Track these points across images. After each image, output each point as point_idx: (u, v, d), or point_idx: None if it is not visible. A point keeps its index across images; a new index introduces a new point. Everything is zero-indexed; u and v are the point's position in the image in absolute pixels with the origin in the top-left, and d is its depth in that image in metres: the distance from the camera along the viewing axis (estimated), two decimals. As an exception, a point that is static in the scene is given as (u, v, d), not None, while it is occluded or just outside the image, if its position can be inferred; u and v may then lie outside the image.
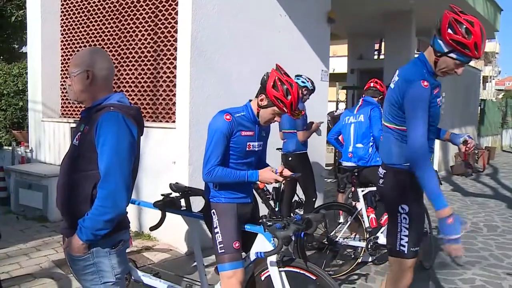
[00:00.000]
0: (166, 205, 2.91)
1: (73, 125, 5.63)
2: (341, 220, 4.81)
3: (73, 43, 6.18)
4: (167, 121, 4.94)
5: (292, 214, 4.62)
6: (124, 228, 2.01)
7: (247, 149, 2.47)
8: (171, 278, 3.06)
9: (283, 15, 5.58)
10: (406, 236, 2.44)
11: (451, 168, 11.28)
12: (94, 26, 5.83)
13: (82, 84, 1.95)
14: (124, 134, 1.86)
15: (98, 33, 5.77)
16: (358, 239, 4.11)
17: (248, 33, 5.07)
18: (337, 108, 11.94)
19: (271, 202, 4.48)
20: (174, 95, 4.77)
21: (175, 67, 4.74)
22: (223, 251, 2.44)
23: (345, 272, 3.95)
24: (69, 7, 6.19)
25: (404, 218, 2.44)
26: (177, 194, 2.95)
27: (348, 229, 4.31)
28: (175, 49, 4.73)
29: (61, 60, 6.41)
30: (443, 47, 2.25)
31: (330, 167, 8.78)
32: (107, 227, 1.82)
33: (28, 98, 6.67)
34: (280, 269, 2.45)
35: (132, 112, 1.96)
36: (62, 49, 6.39)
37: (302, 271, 2.43)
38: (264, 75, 2.44)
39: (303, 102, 4.64)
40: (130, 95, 5.31)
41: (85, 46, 5.90)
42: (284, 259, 2.46)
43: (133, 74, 5.31)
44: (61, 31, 6.37)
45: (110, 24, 5.60)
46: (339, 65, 15.97)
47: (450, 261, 4.52)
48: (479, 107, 15.30)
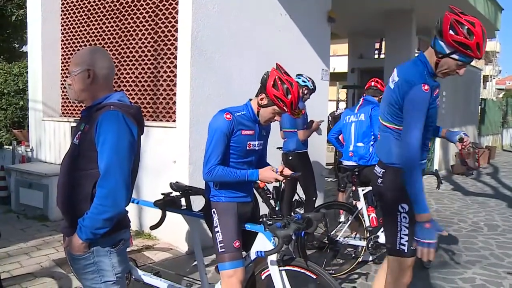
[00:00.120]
0: (167, 204, 2.91)
1: (74, 124, 5.63)
2: (342, 219, 4.81)
3: (74, 42, 6.18)
4: (168, 120, 4.94)
5: (292, 213, 4.62)
6: (125, 227, 2.01)
7: (247, 148, 2.47)
8: (171, 277, 3.06)
9: (283, 14, 5.58)
10: (406, 235, 2.45)
11: (451, 167, 11.29)
12: (94, 25, 5.83)
13: (83, 83, 1.95)
14: (124, 133, 1.86)
15: (99, 32, 5.77)
16: (358, 238, 4.11)
17: (248, 32, 5.07)
18: (337, 107, 11.92)
19: (272, 201, 4.49)
20: (175, 94, 4.77)
21: (175, 66, 4.74)
22: (223, 250, 2.44)
23: (345, 271, 3.96)
24: (69, 7, 6.19)
25: (404, 217, 2.44)
26: (178, 193, 2.96)
27: (348, 228, 4.32)
28: (176, 48, 4.73)
29: (61, 59, 6.41)
30: (444, 48, 2.25)
31: (330, 166, 8.78)
32: (106, 226, 1.82)
33: (29, 97, 6.67)
34: (281, 268, 2.45)
35: (132, 111, 1.96)
36: (62, 48, 6.39)
37: (302, 270, 2.43)
38: (264, 74, 2.43)
39: (304, 102, 4.64)
40: (131, 94, 5.31)
41: (86, 45, 5.90)
42: (284, 258, 2.46)
43: (134, 73, 5.31)
44: (61, 30, 6.37)
45: (110, 23, 5.60)
46: (340, 64, 15.97)
47: (450, 260, 4.52)
48: (479, 107, 15.30)
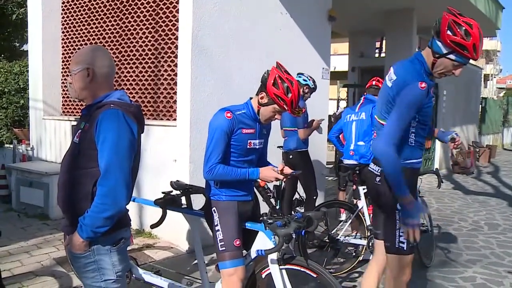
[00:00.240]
0: (167, 203, 2.91)
1: (74, 123, 5.64)
2: (342, 218, 4.81)
3: (74, 41, 6.18)
4: (168, 119, 4.94)
5: (293, 212, 4.62)
6: (125, 226, 2.01)
7: (248, 147, 2.47)
8: (172, 275, 3.06)
9: (283, 13, 5.57)
10: None
11: (452, 167, 11.28)
12: (95, 24, 5.83)
13: (83, 81, 1.95)
14: (124, 132, 1.85)
15: (99, 31, 5.77)
16: (359, 237, 4.11)
17: (249, 31, 5.07)
18: (338, 106, 11.91)
19: (272, 200, 4.49)
20: (175, 93, 4.76)
21: (176, 65, 4.74)
22: (224, 248, 2.44)
23: (346, 270, 3.96)
24: (70, 5, 6.19)
25: None
26: (178, 192, 2.96)
27: (349, 227, 4.32)
28: (176, 47, 4.73)
29: (62, 58, 6.41)
30: (442, 48, 2.27)
31: (331, 165, 8.78)
32: (107, 225, 1.82)
33: (29, 96, 6.68)
34: (281, 267, 2.44)
35: (132, 110, 1.95)
36: (63, 47, 6.39)
37: (303, 269, 2.43)
38: (265, 73, 2.43)
39: (305, 100, 4.64)
40: (131, 93, 5.31)
41: (86, 44, 5.90)
42: (285, 256, 2.46)
43: (134, 72, 5.31)
44: (62, 29, 6.37)
45: (111, 22, 5.59)
46: (340, 63, 15.99)
47: (451, 259, 4.52)
48: (480, 106, 15.29)
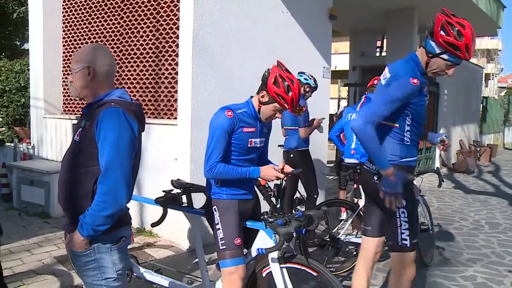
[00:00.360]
0: (168, 201, 2.91)
1: (75, 121, 5.64)
2: (343, 217, 4.81)
3: (75, 40, 6.18)
4: (169, 118, 4.94)
5: (293, 211, 4.62)
6: (126, 224, 2.01)
7: (248, 145, 2.47)
8: (172, 274, 3.06)
9: (284, 12, 5.57)
10: (407, 229, 2.49)
11: (453, 166, 11.28)
12: (96, 22, 5.83)
13: (84, 80, 1.95)
14: (124, 130, 1.85)
15: (100, 29, 5.77)
16: (360, 236, 4.10)
17: (249, 30, 5.07)
18: (339, 105, 11.90)
19: (273, 199, 4.49)
20: (176, 91, 4.76)
21: (176, 63, 4.74)
22: (224, 247, 2.44)
23: (347, 269, 3.96)
24: (71, 4, 6.19)
25: (403, 212, 2.48)
26: (179, 191, 2.96)
27: (350, 226, 4.32)
28: (177, 45, 4.72)
29: (62, 56, 6.41)
30: (435, 48, 2.33)
31: (331, 164, 8.78)
32: (107, 223, 1.82)
33: (30, 95, 6.68)
34: (282, 266, 2.45)
35: (133, 108, 1.95)
36: (64, 45, 6.39)
37: (303, 268, 2.44)
38: (265, 71, 2.43)
39: (305, 99, 4.63)
40: (132, 91, 5.31)
41: (87, 42, 5.90)
42: (285, 255, 2.46)
43: (135, 70, 5.31)
44: (63, 27, 6.37)
45: (112, 20, 5.59)
46: (341, 62, 15.97)
47: (451, 258, 4.52)
48: (481, 105, 15.27)
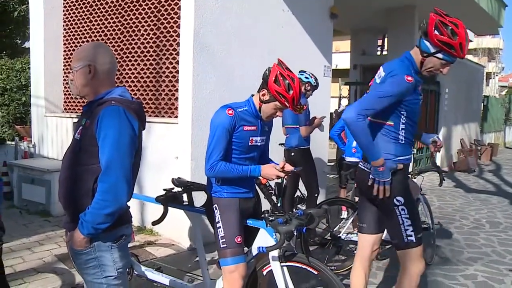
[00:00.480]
0: (169, 199, 2.91)
1: (76, 120, 5.64)
2: (344, 216, 4.80)
3: (76, 38, 6.18)
4: (170, 116, 4.94)
5: (294, 210, 4.62)
6: (126, 223, 2.01)
7: (249, 144, 2.47)
8: (173, 272, 3.07)
9: (285, 10, 5.56)
10: (410, 225, 2.49)
11: (453, 165, 11.27)
12: (96, 21, 5.82)
13: (84, 78, 1.95)
14: (125, 128, 1.85)
15: (101, 28, 5.76)
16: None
17: (250, 28, 5.06)
18: (339, 104, 11.88)
19: (273, 198, 4.48)
20: (177, 90, 4.76)
21: (177, 62, 4.74)
22: (225, 245, 2.44)
23: (347, 267, 3.94)
24: (72, 2, 6.19)
25: (403, 209, 2.49)
26: (180, 189, 2.96)
27: (351, 224, 4.31)
28: (178, 44, 4.72)
29: (63, 55, 6.41)
30: (429, 47, 2.38)
31: (332, 163, 8.78)
32: (108, 221, 1.81)
33: (31, 93, 6.68)
34: (282, 264, 2.44)
35: (133, 106, 1.95)
36: (64, 44, 6.39)
37: (304, 266, 2.44)
38: (266, 70, 2.42)
39: (306, 98, 4.63)
40: (133, 90, 5.31)
41: (88, 41, 5.90)
42: (286, 254, 2.46)
43: (136, 69, 5.31)
44: (63, 26, 6.37)
45: (112, 19, 5.59)
46: (342, 61, 15.93)
47: (452, 257, 4.52)
48: (482, 104, 15.25)
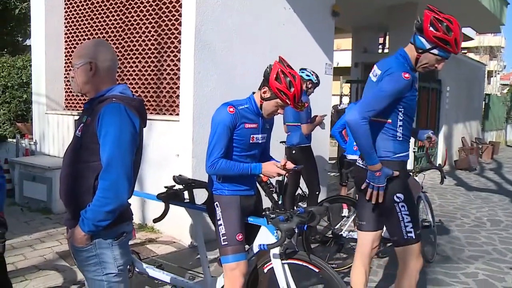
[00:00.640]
0: (170, 197, 2.91)
1: (77, 117, 5.64)
2: (345, 214, 4.81)
3: (77, 36, 6.17)
4: (171, 114, 4.94)
5: (295, 207, 4.62)
6: (127, 220, 2.01)
7: (250, 141, 2.46)
8: (174, 270, 3.07)
9: (287, 8, 5.55)
10: (410, 222, 2.51)
11: (454, 163, 11.26)
12: (98, 18, 5.82)
13: (85, 75, 1.95)
14: (126, 125, 1.85)
15: (102, 25, 5.76)
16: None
17: (252, 26, 5.05)
18: (341, 102, 11.87)
19: (275, 195, 4.49)
20: (178, 87, 4.76)
21: (179, 59, 4.73)
22: (226, 243, 2.44)
23: (349, 265, 3.94)
24: (73, 0, 6.18)
25: (402, 206, 2.50)
26: (181, 187, 2.96)
27: (352, 222, 4.31)
28: (179, 41, 4.72)
29: (64, 52, 6.41)
30: (425, 44, 2.40)
31: (333, 161, 8.77)
32: (108, 218, 1.82)
33: (32, 91, 6.69)
34: (283, 262, 2.45)
35: (134, 104, 1.95)
36: (66, 41, 6.39)
37: (305, 264, 2.44)
38: (267, 67, 2.42)
39: (308, 96, 4.62)
40: (134, 87, 5.31)
41: (89, 38, 5.90)
42: (287, 251, 2.46)
43: (137, 66, 5.31)
44: (65, 23, 6.37)
45: (114, 16, 5.58)
46: (343, 58, 15.90)
47: (453, 255, 4.52)
48: (483, 102, 15.23)
